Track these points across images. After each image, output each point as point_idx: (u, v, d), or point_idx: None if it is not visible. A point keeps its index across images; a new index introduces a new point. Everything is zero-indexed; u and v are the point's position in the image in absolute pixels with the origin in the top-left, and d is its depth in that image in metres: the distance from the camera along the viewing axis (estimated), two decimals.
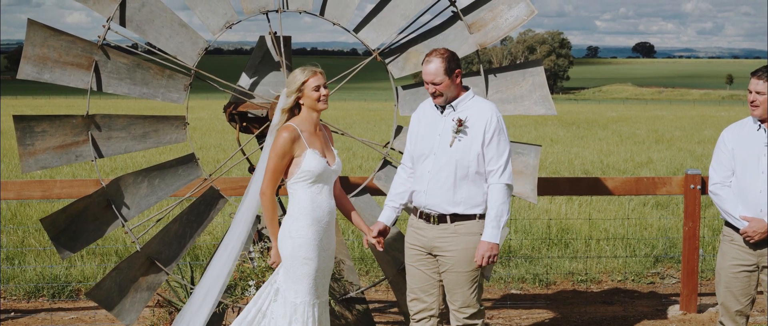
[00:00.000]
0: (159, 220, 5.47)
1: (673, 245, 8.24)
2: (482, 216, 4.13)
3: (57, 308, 6.38)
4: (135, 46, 5.03)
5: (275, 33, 5.03)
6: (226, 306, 4.92)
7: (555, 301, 6.70)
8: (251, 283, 4.68)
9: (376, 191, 5.20)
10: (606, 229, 8.99)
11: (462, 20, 4.94)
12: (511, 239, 8.33)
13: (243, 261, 4.79)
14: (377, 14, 5.02)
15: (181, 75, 4.91)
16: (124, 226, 4.86)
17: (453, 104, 4.14)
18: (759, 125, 4.38)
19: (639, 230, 8.98)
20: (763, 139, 4.35)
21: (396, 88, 5.06)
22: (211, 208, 5.03)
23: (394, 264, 4.98)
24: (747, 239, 4.35)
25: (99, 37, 4.78)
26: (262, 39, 5.17)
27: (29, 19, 4.80)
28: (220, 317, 4.93)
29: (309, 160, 4.04)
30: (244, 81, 5.12)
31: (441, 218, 4.15)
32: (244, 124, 5.12)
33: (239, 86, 5.07)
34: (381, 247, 4.30)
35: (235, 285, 4.77)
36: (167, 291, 6.03)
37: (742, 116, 4.71)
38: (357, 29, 5.03)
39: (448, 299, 4.24)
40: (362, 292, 5.10)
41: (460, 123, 4.07)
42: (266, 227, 5.07)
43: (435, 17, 5.12)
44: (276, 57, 5.09)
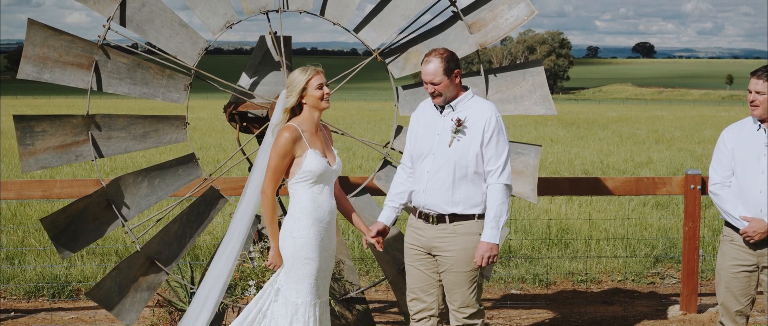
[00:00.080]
0: (159, 220, 5.47)
1: (673, 245, 8.23)
2: (481, 216, 4.12)
3: (57, 308, 6.38)
4: (135, 46, 5.03)
5: (275, 33, 5.03)
6: (226, 306, 4.93)
7: (555, 301, 6.70)
8: (251, 283, 4.68)
9: (377, 191, 5.20)
10: (606, 229, 8.99)
11: (462, 20, 4.94)
12: (511, 239, 8.33)
13: (243, 261, 4.80)
14: (377, 14, 5.02)
15: (182, 75, 4.91)
16: (124, 226, 4.86)
17: (452, 104, 4.14)
18: (759, 125, 4.38)
19: (639, 230, 8.98)
20: (763, 139, 4.35)
21: (396, 88, 5.06)
22: (211, 208, 5.03)
23: (394, 264, 4.98)
24: (747, 239, 4.35)
25: (99, 36, 4.78)
26: (263, 39, 5.17)
27: (29, 18, 4.80)
28: (220, 317, 4.93)
29: (310, 160, 4.04)
30: (244, 81, 5.12)
31: (440, 218, 4.14)
32: (244, 124, 5.12)
33: (239, 86, 5.07)
34: (380, 247, 4.30)
35: (235, 285, 4.77)
36: (167, 291, 6.03)
37: (742, 116, 4.71)
38: (357, 29, 5.03)
39: (448, 299, 4.23)
40: (362, 292, 5.10)
41: (459, 123, 4.07)
42: (266, 227, 5.09)
43: (435, 17, 5.12)
44: (276, 57, 5.09)
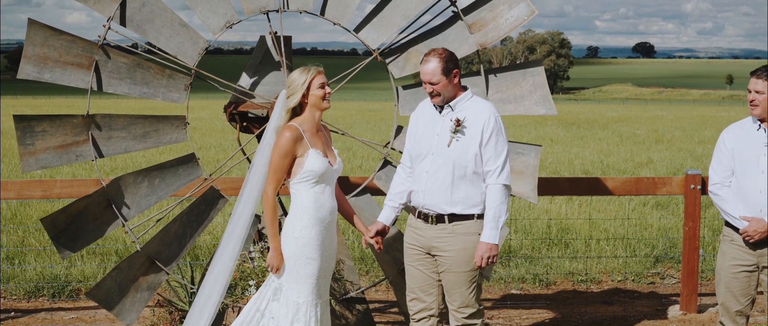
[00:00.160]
0: (159, 220, 5.46)
1: (673, 245, 8.23)
2: (480, 216, 4.12)
3: (57, 308, 6.38)
4: (135, 45, 5.03)
5: (275, 33, 5.03)
6: (227, 306, 4.93)
7: (555, 301, 6.70)
8: (251, 283, 4.68)
9: (377, 191, 5.20)
10: (606, 229, 8.99)
11: (462, 20, 4.94)
12: (511, 239, 8.33)
13: (243, 261, 4.80)
14: (378, 14, 5.02)
15: (182, 75, 4.91)
16: (125, 226, 4.86)
17: (451, 104, 4.13)
18: (759, 125, 4.38)
19: (639, 230, 8.98)
20: (763, 139, 4.35)
21: (396, 88, 5.06)
22: (212, 208, 5.03)
23: (395, 264, 4.98)
24: (747, 238, 4.35)
25: (99, 36, 4.78)
26: (263, 39, 5.17)
27: (30, 18, 4.80)
28: (221, 317, 4.93)
29: (312, 160, 4.04)
30: (245, 81, 5.12)
31: (439, 218, 4.14)
32: (245, 124, 5.12)
33: (239, 86, 5.07)
34: (379, 247, 4.30)
35: (236, 285, 4.77)
36: (167, 291, 6.03)
37: (742, 116, 4.71)
38: (357, 29, 5.03)
39: (447, 299, 4.23)
40: (362, 292, 5.11)
41: (458, 123, 4.07)
42: (266, 228, 5.08)
43: (435, 17, 5.12)
44: (276, 57, 5.09)
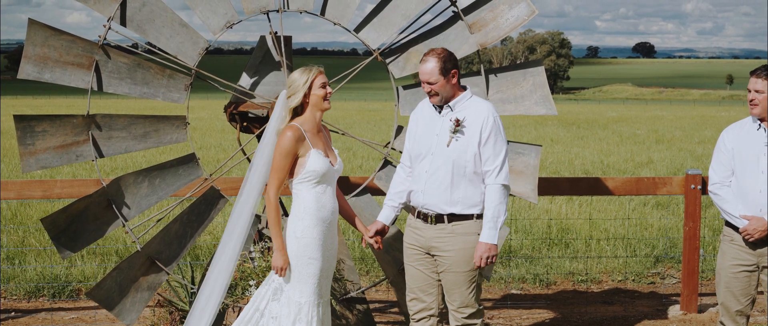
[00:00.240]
0: (159, 220, 5.46)
1: (674, 245, 8.23)
2: (480, 216, 4.12)
3: (57, 308, 6.38)
4: (135, 45, 5.03)
5: (276, 33, 5.03)
6: (227, 306, 4.92)
7: (555, 301, 6.70)
8: (252, 283, 4.68)
9: (377, 191, 5.20)
10: (606, 229, 8.99)
11: (463, 20, 4.94)
12: (512, 239, 8.33)
13: (243, 261, 4.80)
14: (378, 14, 5.02)
15: (182, 75, 4.91)
16: (125, 226, 4.86)
17: (450, 104, 4.13)
18: (759, 125, 4.38)
19: (639, 230, 8.98)
20: (763, 138, 4.35)
21: (396, 88, 5.06)
22: (212, 208, 5.03)
23: (395, 264, 4.98)
24: (746, 237, 4.35)
25: (99, 36, 4.78)
26: (263, 39, 5.17)
27: (30, 18, 4.80)
28: (221, 317, 4.93)
29: (314, 160, 4.04)
30: (245, 81, 5.12)
31: (438, 218, 4.14)
32: (245, 124, 5.12)
33: (240, 86, 5.07)
34: (378, 246, 4.30)
35: (236, 285, 4.76)
36: (168, 291, 6.03)
37: (742, 116, 4.72)
38: (358, 29, 5.03)
39: (447, 299, 4.23)
40: (363, 292, 5.10)
41: (458, 123, 4.06)
42: (266, 227, 5.08)
43: (436, 17, 5.12)
44: (277, 57, 5.09)
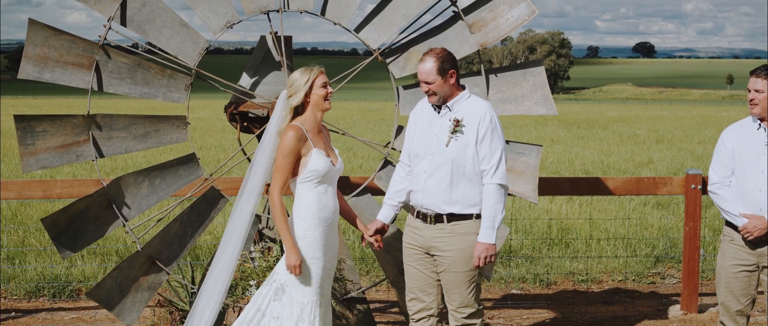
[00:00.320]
0: (160, 220, 5.46)
1: (674, 245, 8.23)
2: (479, 216, 4.11)
3: (57, 308, 6.38)
4: (136, 45, 5.03)
5: (276, 33, 5.03)
6: (227, 306, 4.92)
7: (555, 301, 6.70)
8: (252, 283, 4.68)
9: (377, 191, 5.19)
10: (606, 229, 8.99)
11: (463, 20, 4.94)
12: (512, 239, 8.33)
13: (244, 261, 4.79)
14: (378, 14, 5.02)
15: (182, 75, 4.91)
16: (125, 226, 4.86)
17: (449, 104, 4.13)
18: (759, 125, 4.39)
19: (640, 230, 8.98)
20: (763, 138, 4.35)
21: (397, 88, 5.06)
22: (212, 208, 5.03)
23: (395, 264, 4.98)
24: (746, 235, 4.35)
25: (100, 36, 4.78)
26: (263, 39, 5.17)
27: (30, 18, 4.80)
28: (221, 317, 4.93)
29: (315, 160, 4.04)
30: (245, 81, 5.12)
31: (437, 217, 4.14)
32: (245, 124, 5.12)
33: (240, 86, 5.07)
34: (378, 245, 4.30)
35: (236, 285, 4.76)
36: (168, 291, 6.03)
37: (743, 116, 4.72)
38: (358, 29, 5.03)
39: (446, 299, 4.23)
40: (363, 292, 5.10)
41: (457, 123, 4.06)
42: (266, 227, 5.08)
43: (436, 17, 5.12)
44: (277, 57, 5.09)
